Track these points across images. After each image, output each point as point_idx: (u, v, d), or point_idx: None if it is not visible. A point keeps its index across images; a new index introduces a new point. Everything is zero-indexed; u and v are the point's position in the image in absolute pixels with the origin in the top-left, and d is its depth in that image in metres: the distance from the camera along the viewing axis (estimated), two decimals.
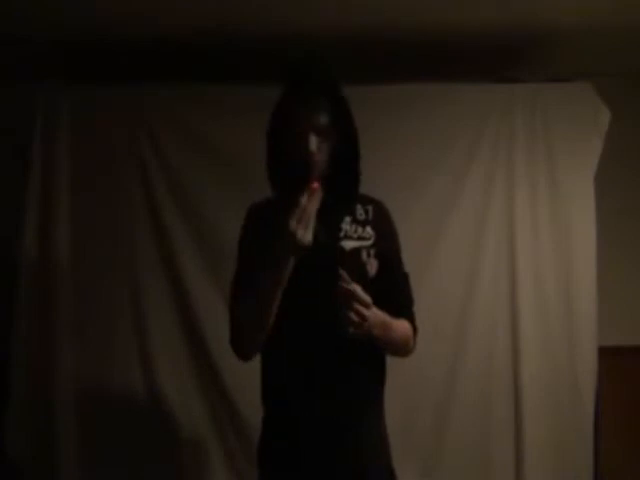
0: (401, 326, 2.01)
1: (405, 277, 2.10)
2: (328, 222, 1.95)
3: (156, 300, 2.78)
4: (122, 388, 2.76)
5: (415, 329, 2.07)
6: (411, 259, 2.82)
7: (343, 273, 1.80)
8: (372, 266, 1.99)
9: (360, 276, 1.93)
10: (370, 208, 2.06)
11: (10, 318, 2.71)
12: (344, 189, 2.02)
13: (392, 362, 2.78)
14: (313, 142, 1.91)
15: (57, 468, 2.67)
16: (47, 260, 2.74)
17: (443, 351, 2.81)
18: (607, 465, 2.91)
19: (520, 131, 2.89)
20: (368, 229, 2.01)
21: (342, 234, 1.98)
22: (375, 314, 1.86)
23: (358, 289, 1.81)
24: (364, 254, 1.98)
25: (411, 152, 2.88)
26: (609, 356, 2.91)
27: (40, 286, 2.74)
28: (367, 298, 1.82)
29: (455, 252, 2.86)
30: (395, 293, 2.05)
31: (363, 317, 1.80)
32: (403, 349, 2.06)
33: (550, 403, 2.81)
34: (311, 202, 1.80)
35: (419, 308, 2.83)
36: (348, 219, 2.01)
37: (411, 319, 2.06)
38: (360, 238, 1.99)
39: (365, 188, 2.73)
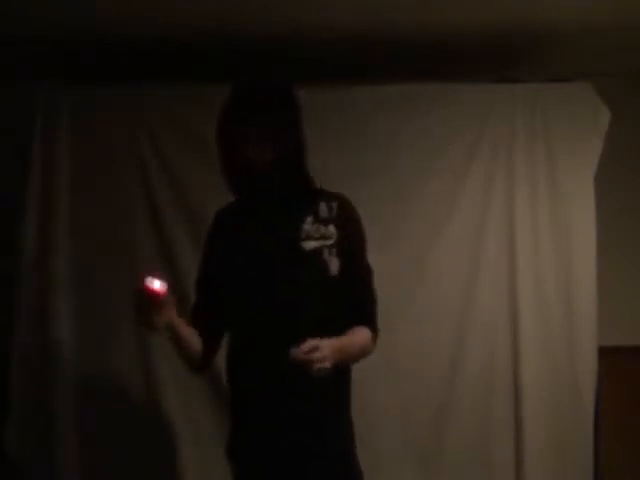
0: (357, 339, 2.01)
1: (368, 273, 2.10)
2: (288, 223, 1.99)
3: None
4: (122, 388, 2.75)
5: (376, 331, 2.08)
6: (411, 259, 2.85)
7: (292, 352, 1.79)
8: (334, 265, 1.99)
9: (321, 276, 1.97)
10: (334, 205, 2.05)
11: (10, 318, 2.70)
12: (308, 191, 2.05)
13: (392, 362, 2.79)
14: (251, 148, 1.94)
15: (57, 468, 2.67)
16: (47, 260, 2.74)
17: (443, 351, 2.81)
18: (607, 465, 2.91)
19: (520, 131, 2.88)
20: (331, 227, 2.01)
21: (303, 235, 1.99)
22: (330, 346, 1.84)
23: (305, 349, 1.79)
24: (325, 253, 1.98)
25: (411, 152, 2.87)
26: (609, 356, 2.90)
27: (40, 286, 2.74)
28: (313, 344, 1.80)
29: (455, 252, 2.86)
30: (357, 293, 2.05)
31: (324, 360, 1.80)
32: (362, 358, 2.07)
33: (550, 403, 2.81)
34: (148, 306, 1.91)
35: (420, 307, 2.85)
36: (310, 219, 2.01)
37: (371, 320, 2.07)
38: (322, 237, 2.00)
39: (365, 188, 2.75)
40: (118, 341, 2.77)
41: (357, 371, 2.10)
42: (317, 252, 1.98)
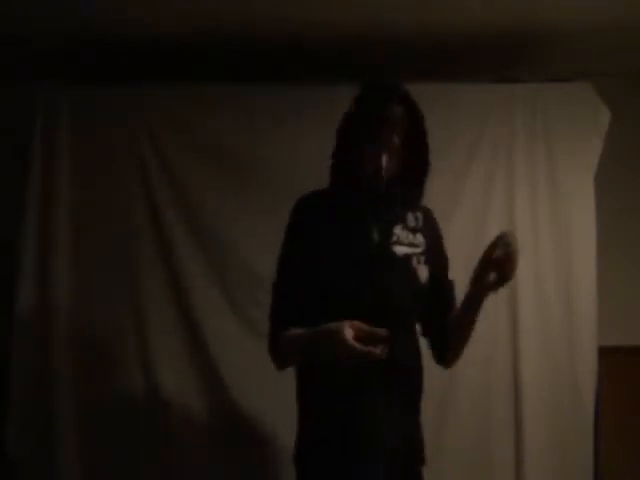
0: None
1: (452, 285, 2.11)
2: (382, 227, 1.96)
3: (156, 299, 2.78)
4: (122, 388, 2.75)
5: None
6: None
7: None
8: (422, 273, 1.98)
9: (411, 283, 1.95)
10: (420, 215, 2.06)
11: (10, 318, 2.70)
12: (406, 199, 2.03)
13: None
14: (384, 162, 1.91)
15: (57, 468, 2.67)
16: (47, 260, 2.74)
17: None
18: (607, 465, 2.91)
19: (520, 131, 2.88)
20: (419, 236, 2.01)
21: (394, 239, 1.97)
22: None
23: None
24: (414, 261, 1.97)
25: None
26: (609, 356, 2.90)
27: (40, 286, 2.74)
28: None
29: (455, 252, 2.84)
30: (444, 303, 2.06)
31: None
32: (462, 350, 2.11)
33: (550, 403, 2.81)
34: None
35: None
36: (400, 225, 2.00)
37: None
38: (411, 245, 1.99)
39: None
40: (118, 340, 2.76)
41: None
42: (407, 258, 1.96)
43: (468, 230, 2.86)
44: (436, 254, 2.06)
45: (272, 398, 2.62)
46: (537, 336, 2.82)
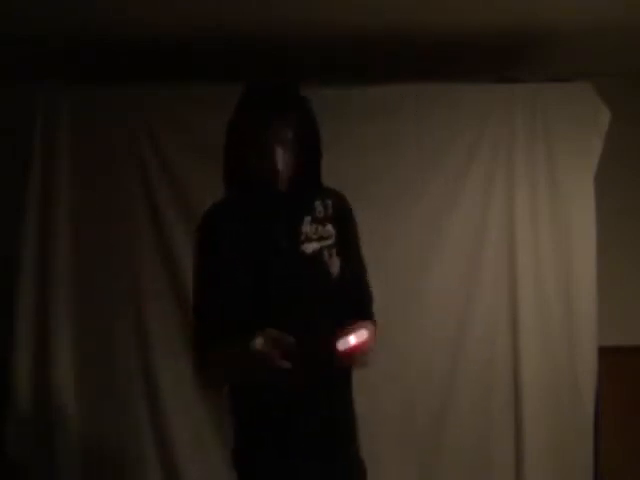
0: (369, 327, 1.94)
1: (364, 268, 2.04)
2: (289, 226, 1.92)
3: (156, 300, 2.78)
4: (122, 388, 2.75)
5: (375, 325, 2.00)
6: (411, 259, 2.85)
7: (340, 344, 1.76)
8: (334, 265, 1.92)
9: (324, 278, 1.91)
10: (329, 203, 1.98)
11: (10, 318, 2.70)
12: (306, 191, 1.96)
13: (392, 363, 2.79)
14: (280, 158, 1.87)
15: (57, 468, 2.67)
16: (47, 260, 2.74)
17: (443, 351, 2.81)
18: (607, 465, 2.91)
19: (520, 131, 2.89)
20: (329, 227, 1.95)
21: (303, 237, 1.92)
22: (367, 330, 1.81)
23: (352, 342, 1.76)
24: (326, 254, 1.92)
25: (411, 152, 2.87)
26: (609, 356, 2.91)
27: (40, 286, 2.74)
28: (361, 336, 1.77)
29: (455, 252, 2.86)
30: (358, 292, 2.00)
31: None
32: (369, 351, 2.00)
33: (550, 403, 2.81)
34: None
35: (420, 307, 2.85)
36: (308, 219, 1.94)
37: (371, 315, 2.01)
38: (321, 238, 1.93)
39: (365, 188, 2.75)
40: (118, 340, 2.76)
41: (358, 371, 2.09)
42: (318, 254, 1.92)
43: (468, 230, 2.86)
44: (347, 239, 1.98)
45: None
46: (537, 336, 2.82)
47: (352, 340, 1.76)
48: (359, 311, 1.98)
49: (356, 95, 2.84)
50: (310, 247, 1.92)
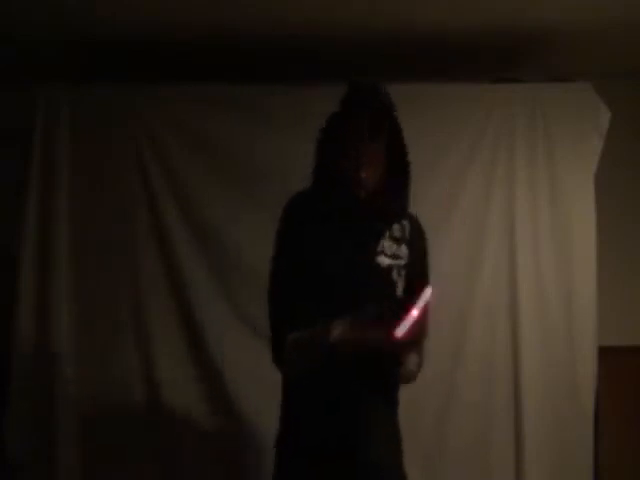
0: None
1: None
2: (370, 235, 1.94)
3: (156, 299, 2.78)
4: (123, 388, 2.75)
5: (421, 361, 2.03)
6: None
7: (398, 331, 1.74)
8: (400, 287, 1.95)
9: (389, 294, 1.92)
10: (406, 224, 2.01)
11: (10, 318, 2.70)
12: (391, 209, 1.98)
13: None
14: (364, 171, 1.90)
15: (57, 468, 2.67)
16: (47, 260, 2.74)
17: (443, 352, 2.81)
18: (607, 465, 2.91)
19: (520, 131, 2.89)
20: (403, 248, 1.97)
21: (379, 249, 1.94)
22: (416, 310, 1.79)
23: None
24: (395, 273, 1.94)
25: (411, 152, 2.85)
26: (609, 356, 2.90)
27: (40, 286, 2.74)
28: (411, 317, 1.75)
29: (455, 252, 2.86)
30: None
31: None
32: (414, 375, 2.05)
33: (550, 403, 2.81)
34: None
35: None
36: (386, 235, 1.96)
37: (420, 350, 2.01)
38: (394, 256, 1.95)
39: None
40: (118, 339, 2.77)
41: None
42: (389, 270, 1.93)
43: (468, 230, 2.86)
44: (416, 268, 2.01)
45: (272, 398, 2.61)
46: (537, 336, 2.82)
47: (406, 326, 1.73)
48: None
49: None
50: (384, 261, 1.94)
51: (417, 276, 1.99)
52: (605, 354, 2.87)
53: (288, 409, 1.99)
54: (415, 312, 1.74)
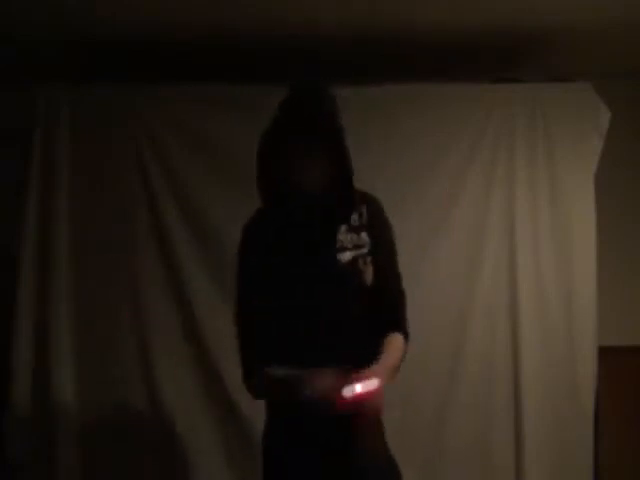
0: (395, 351, 1.95)
1: (398, 278, 2.05)
2: (324, 235, 1.94)
3: (156, 300, 2.78)
4: (122, 388, 2.75)
5: (407, 335, 2.01)
6: (411, 259, 2.83)
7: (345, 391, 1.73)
8: (369, 274, 1.94)
9: (358, 287, 1.92)
10: (363, 210, 1.99)
11: (10, 318, 2.70)
12: (340, 199, 1.97)
13: None
14: (307, 174, 1.91)
15: (57, 468, 2.67)
16: (47, 260, 2.74)
17: (443, 352, 2.81)
18: (607, 465, 2.91)
19: (520, 131, 2.89)
20: (363, 235, 1.96)
21: (338, 245, 1.93)
22: (379, 378, 1.77)
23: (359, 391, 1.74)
24: (360, 262, 1.93)
25: (411, 152, 2.88)
26: (609, 356, 2.90)
27: (40, 287, 2.74)
28: (370, 385, 1.74)
29: (455, 252, 2.86)
30: (390, 301, 2.00)
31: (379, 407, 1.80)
32: (399, 365, 2.01)
33: (550, 403, 2.81)
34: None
35: (419, 309, 2.84)
36: (343, 228, 1.95)
37: (403, 325, 2.01)
38: (356, 247, 1.94)
39: (365, 188, 2.74)
40: (118, 339, 2.76)
41: None
42: (353, 263, 1.93)
43: (468, 230, 2.86)
44: (382, 248, 1.99)
45: None
46: (537, 336, 2.82)
47: (358, 388, 1.72)
48: (391, 321, 1.99)
49: (356, 95, 2.84)
50: (345, 256, 1.93)
51: (383, 258, 1.98)
52: (605, 354, 2.87)
53: (270, 417, 2.01)
54: (358, 388, 1.72)
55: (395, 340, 1.96)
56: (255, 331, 1.95)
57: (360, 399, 1.72)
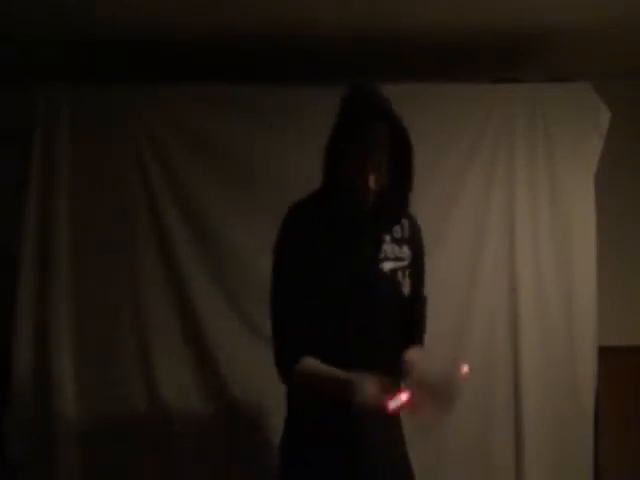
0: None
1: (425, 300, 2.10)
2: (372, 243, 1.96)
3: (156, 300, 2.78)
4: (122, 388, 2.75)
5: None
6: None
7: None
8: (406, 287, 1.99)
9: (396, 297, 1.96)
10: (406, 224, 2.03)
11: (10, 318, 2.70)
12: (392, 212, 1.99)
13: None
14: (372, 181, 1.90)
15: (57, 468, 2.67)
16: (47, 260, 2.74)
17: (443, 352, 2.80)
18: (607, 465, 2.91)
19: (520, 131, 2.89)
20: (405, 249, 2.00)
21: (382, 255, 1.96)
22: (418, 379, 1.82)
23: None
24: (399, 275, 1.97)
25: None
26: (609, 356, 2.90)
27: (40, 287, 2.74)
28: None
29: (455, 252, 2.86)
30: (419, 318, 2.06)
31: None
32: None
33: (550, 403, 2.81)
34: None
35: None
36: (388, 238, 1.98)
37: (421, 341, 2.07)
38: (397, 258, 1.98)
39: None
40: (118, 339, 2.76)
41: None
42: (393, 273, 1.96)
43: (468, 230, 2.86)
44: (418, 265, 2.05)
45: (272, 397, 2.62)
46: (537, 336, 2.82)
47: (403, 398, 1.74)
48: (414, 335, 2.04)
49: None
50: (388, 265, 1.96)
51: (418, 275, 2.04)
52: (605, 354, 2.87)
53: (293, 417, 2.00)
54: (403, 399, 1.74)
55: (417, 354, 1.98)
56: (302, 319, 1.90)
57: (401, 409, 1.76)
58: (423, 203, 2.83)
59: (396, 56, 2.96)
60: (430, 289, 2.79)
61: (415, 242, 2.04)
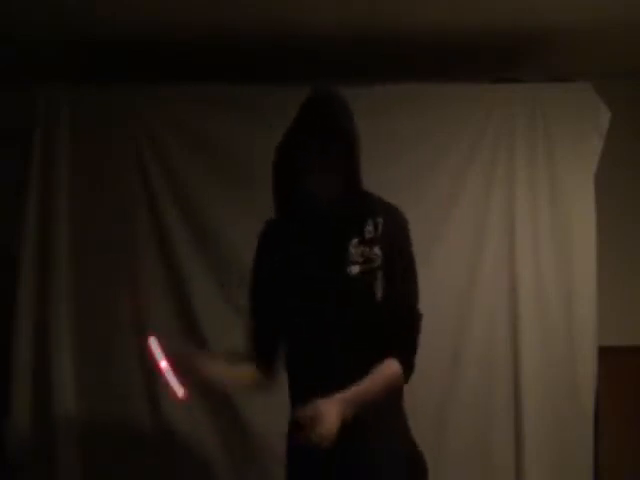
0: (379, 380, 1.86)
1: (411, 297, 1.96)
2: (335, 247, 1.91)
3: (156, 301, 2.78)
4: (122, 388, 2.75)
5: (409, 365, 1.92)
6: None
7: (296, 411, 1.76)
8: (378, 289, 1.89)
9: (367, 301, 1.89)
10: (380, 221, 1.93)
11: (10, 318, 2.70)
12: (355, 212, 1.94)
13: None
14: (319, 185, 1.90)
15: (57, 468, 2.67)
16: (47, 260, 2.74)
17: (443, 352, 2.81)
18: (607, 465, 2.91)
19: (520, 131, 2.89)
20: (375, 249, 1.89)
21: (349, 259, 1.89)
22: (335, 413, 1.73)
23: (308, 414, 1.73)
24: (370, 277, 1.89)
25: (411, 152, 2.87)
26: (609, 356, 2.90)
27: (40, 287, 2.74)
28: (316, 412, 1.72)
29: (455, 253, 2.86)
30: (396, 320, 1.91)
31: (326, 433, 1.73)
32: (392, 392, 1.94)
33: (550, 403, 2.81)
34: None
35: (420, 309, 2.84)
36: (355, 241, 1.90)
37: (406, 355, 1.91)
38: (367, 261, 1.89)
39: (365, 188, 2.74)
40: (118, 339, 2.76)
41: None
42: (362, 276, 1.88)
43: (468, 230, 2.86)
44: (395, 263, 1.92)
45: (272, 398, 2.62)
46: (537, 336, 2.82)
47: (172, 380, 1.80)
48: (393, 345, 1.91)
49: (356, 95, 2.84)
50: (355, 269, 1.90)
51: (396, 272, 1.92)
52: (605, 354, 2.87)
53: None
54: (163, 364, 1.75)
55: (387, 367, 1.88)
56: (260, 342, 2.02)
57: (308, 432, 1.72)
58: (423, 203, 2.86)
59: (396, 56, 2.96)
60: (430, 289, 2.80)
61: (387, 240, 1.91)
